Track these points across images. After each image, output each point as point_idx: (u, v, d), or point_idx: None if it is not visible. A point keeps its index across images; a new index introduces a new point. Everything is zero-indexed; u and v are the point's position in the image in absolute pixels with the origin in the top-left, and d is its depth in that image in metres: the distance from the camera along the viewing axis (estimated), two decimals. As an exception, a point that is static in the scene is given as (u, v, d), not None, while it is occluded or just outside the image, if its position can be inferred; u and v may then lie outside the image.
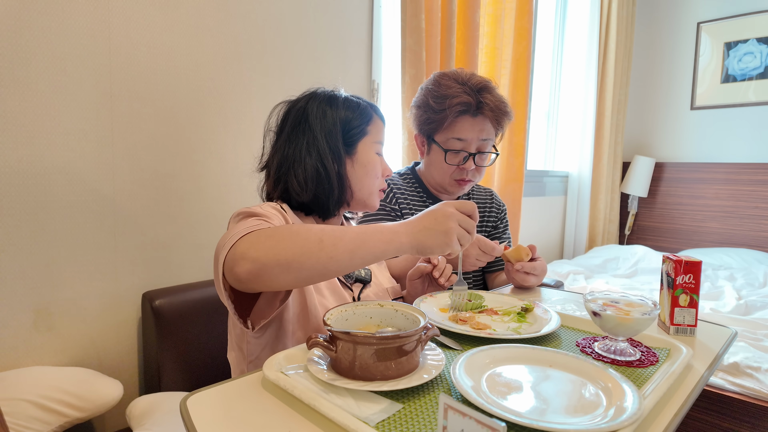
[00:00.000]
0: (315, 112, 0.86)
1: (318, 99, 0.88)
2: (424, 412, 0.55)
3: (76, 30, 1.05)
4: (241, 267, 0.62)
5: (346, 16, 1.60)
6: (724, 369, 1.35)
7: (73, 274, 1.09)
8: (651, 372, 0.67)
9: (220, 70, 1.30)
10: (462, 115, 1.13)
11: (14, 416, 0.87)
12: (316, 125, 0.85)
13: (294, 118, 0.87)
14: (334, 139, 0.85)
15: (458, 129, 1.14)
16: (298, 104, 0.88)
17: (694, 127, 3.12)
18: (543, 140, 2.98)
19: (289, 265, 0.62)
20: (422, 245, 0.69)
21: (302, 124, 0.86)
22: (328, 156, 0.84)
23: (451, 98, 1.11)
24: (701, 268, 0.84)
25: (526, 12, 2.21)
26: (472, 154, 1.16)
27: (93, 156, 1.10)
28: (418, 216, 0.72)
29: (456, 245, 0.71)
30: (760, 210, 2.84)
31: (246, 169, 1.37)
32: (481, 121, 1.14)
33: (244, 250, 0.63)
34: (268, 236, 0.64)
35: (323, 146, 0.84)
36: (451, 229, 0.69)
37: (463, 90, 1.12)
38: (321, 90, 0.90)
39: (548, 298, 1.09)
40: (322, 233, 0.65)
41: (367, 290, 0.93)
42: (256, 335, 0.82)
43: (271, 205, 0.83)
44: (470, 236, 0.72)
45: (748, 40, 2.87)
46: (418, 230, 0.69)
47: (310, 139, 0.85)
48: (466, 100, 1.11)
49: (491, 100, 1.13)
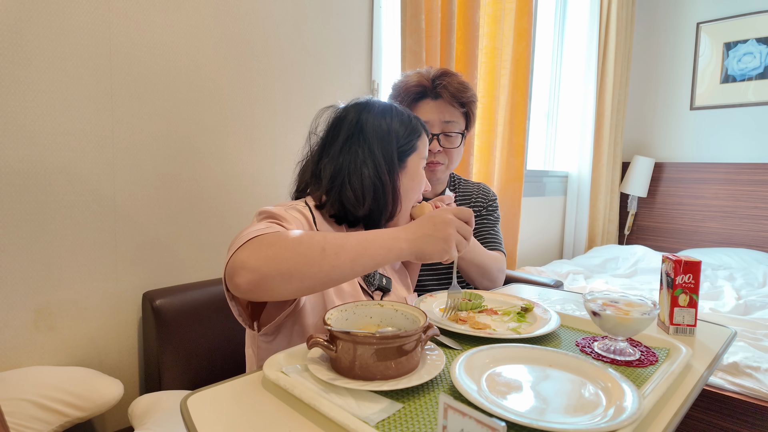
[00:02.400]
0: (371, 124, 0.85)
1: (373, 111, 0.87)
2: (424, 411, 0.55)
3: (76, 30, 1.05)
4: (241, 277, 0.61)
5: (347, 16, 1.60)
6: (723, 369, 1.35)
7: (73, 274, 1.09)
8: (650, 372, 0.67)
9: (220, 70, 1.30)
10: (422, 99, 1.19)
11: (15, 416, 0.87)
12: (372, 137, 0.84)
13: (348, 128, 0.86)
14: (390, 152, 0.85)
15: (419, 112, 1.19)
16: (350, 114, 0.87)
17: (693, 128, 3.12)
18: (543, 140, 2.98)
19: (290, 275, 0.62)
20: (422, 251, 0.70)
21: (357, 135, 0.85)
22: (384, 169, 0.84)
23: (408, 84, 1.19)
24: (701, 268, 0.85)
25: (526, 12, 2.21)
26: (435, 135, 1.18)
27: (93, 156, 1.10)
28: (417, 222, 0.73)
29: (453, 251, 0.72)
30: (759, 210, 2.85)
31: (246, 169, 1.38)
32: (441, 104, 1.18)
33: (244, 259, 0.62)
34: (269, 244, 0.63)
35: (380, 159, 0.84)
36: (450, 236, 0.70)
37: (420, 76, 1.19)
38: (374, 100, 0.90)
39: (548, 298, 1.09)
40: (325, 241, 0.64)
41: (387, 299, 0.92)
42: (266, 340, 0.81)
43: (297, 207, 0.82)
44: (467, 242, 0.74)
45: (748, 40, 2.87)
46: (417, 237, 0.70)
47: (366, 152, 0.84)
48: (422, 82, 1.18)
49: (449, 82, 1.16)
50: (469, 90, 1.20)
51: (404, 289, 1.00)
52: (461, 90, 1.17)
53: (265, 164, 1.40)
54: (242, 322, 0.77)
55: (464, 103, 1.19)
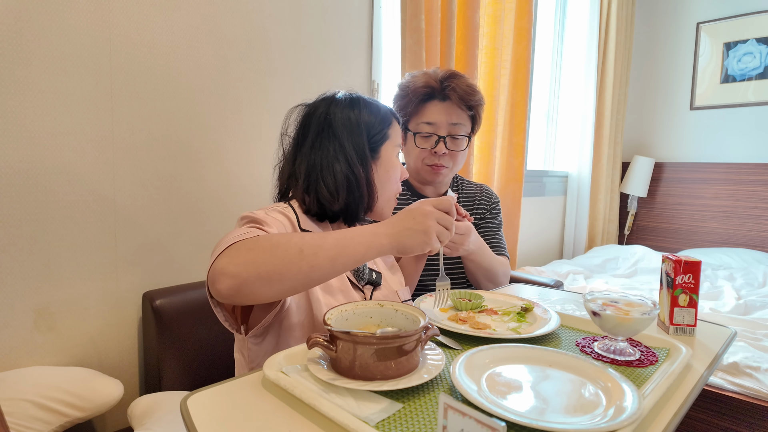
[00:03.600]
0: (339, 118, 0.85)
1: (340, 104, 0.86)
2: (424, 411, 0.55)
3: (76, 30, 1.05)
4: (222, 283, 0.62)
5: (347, 16, 1.60)
6: (723, 369, 1.35)
7: (73, 274, 1.09)
8: (650, 372, 0.67)
9: (220, 70, 1.30)
10: (430, 101, 1.18)
11: (15, 416, 0.87)
12: (341, 131, 0.84)
13: (317, 124, 0.85)
14: (361, 144, 0.85)
15: (427, 113, 1.18)
16: (319, 110, 0.87)
17: (693, 128, 3.12)
18: (543, 140, 2.98)
19: (270, 278, 0.62)
20: (402, 246, 0.69)
21: (326, 130, 0.85)
22: (356, 162, 0.84)
23: (416, 84, 1.17)
24: (701, 268, 0.85)
25: (526, 12, 2.21)
26: (442, 137, 1.17)
27: (93, 156, 1.10)
28: (397, 216, 0.72)
29: (436, 243, 0.71)
30: (759, 210, 2.85)
31: (246, 169, 1.38)
32: (449, 106, 1.17)
33: (224, 266, 0.62)
34: (248, 249, 0.64)
35: (350, 152, 0.83)
36: (430, 227, 0.70)
37: (428, 77, 1.18)
38: (340, 94, 0.89)
39: (548, 298, 1.09)
40: (302, 242, 0.64)
41: (377, 292, 0.92)
42: (255, 342, 0.81)
43: (278, 209, 0.82)
44: (449, 232, 0.72)
45: (748, 40, 2.87)
46: (397, 231, 0.69)
47: (336, 146, 0.84)
48: (430, 83, 1.16)
49: (457, 84, 1.15)
50: (477, 93, 1.19)
51: (396, 284, 0.99)
52: (470, 93, 1.16)
53: (265, 164, 1.40)
54: (229, 327, 0.77)
55: (472, 106, 1.18)
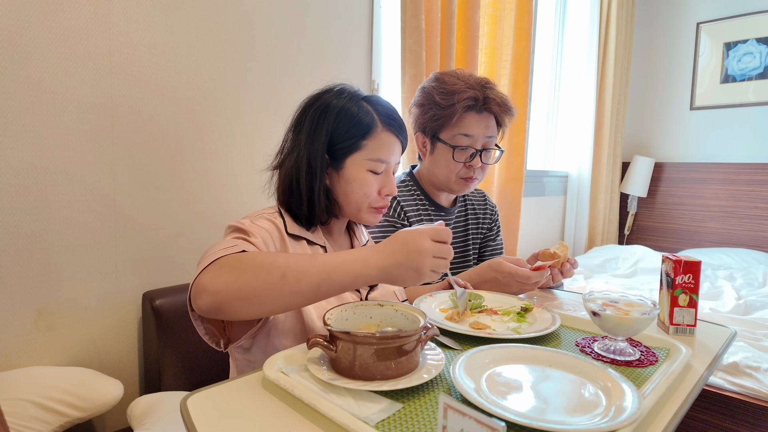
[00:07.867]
0: (310, 116, 0.82)
1: (315, 104, 0.83)
2: (424, 411, 0.55)
3: (76, 30, 1.05)
4: (202, 300, 0.62)
5: (347, 16, 1.60)
6: (723, 369, 1.35)
7: (73, 274, 1.09)
8: (650, 372, 0.67)
9: (220, 70, 1.30)
10: (469, 111, 1.14)
11: (15, 416, 0.87)
12: (304, 131, 0.82)
13: (296, 125, 0.85)
14: (316, 150, 0.80)
15: (465, 125, 1.14)
16: (301, 110, 0.85)
17: (693, 128, 3.12)
18: (543, 140, 2.98)
19: (249, 300, 0.62)
20: (393, 279, 0.66)
21: (296, 128, 0.84)
22: (304, 167, 0.80)
23: (459, 93, 1.11)
24: (700, 268, 0.85)
25: (526, 12, 2.21)
26: (479, 150, 1.15)
27: (93, 156, 1.10)
28: (390, 247, 0.67)
29: (429, 278, 0.68)
30: (759, 210, 2.85)
31: (246, 169, 1.37)
32: (486, 117, 1.15)
33: (206, 284, 0.62)
34: (231, 268, 0.63)
35: (303, 155, 0.80)
36: (423, 266, 0.65)
37: (469, 85, 1.13)
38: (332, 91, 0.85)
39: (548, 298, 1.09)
40: (286, 266, 0.63)
41: (374, 292, 0.92)
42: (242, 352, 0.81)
43: (266, 216, 0.81)
44: (446, 262, 0.68)
45: (748, 40, 2.87)
46: (389, 265, 0.65)
47: (295, 146, 0.82)
48: (473, 95, 1.12)
49: (496, 95, 1.14)
50: (511, 103, 1.17)
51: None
52: (508, 105, 1.15)
53: (265, 164, 1.40)
54: (208, 340, 0.76)
55: (505, 118, 1.17)
